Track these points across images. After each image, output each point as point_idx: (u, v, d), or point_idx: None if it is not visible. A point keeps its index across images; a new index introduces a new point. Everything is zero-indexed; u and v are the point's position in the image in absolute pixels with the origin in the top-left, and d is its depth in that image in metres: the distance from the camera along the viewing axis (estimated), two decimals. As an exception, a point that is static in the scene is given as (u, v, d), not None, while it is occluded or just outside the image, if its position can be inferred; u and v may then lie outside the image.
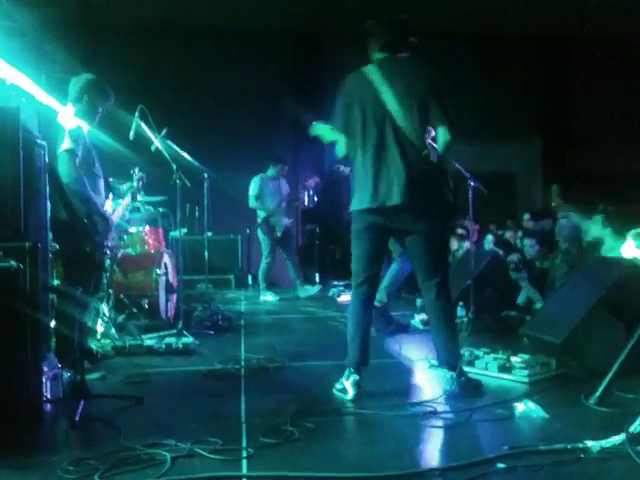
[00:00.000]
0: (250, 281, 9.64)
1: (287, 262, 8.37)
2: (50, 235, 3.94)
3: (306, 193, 9.28)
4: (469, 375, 3.66)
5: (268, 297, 8.10)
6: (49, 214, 3.85)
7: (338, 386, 3.62)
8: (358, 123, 3.57)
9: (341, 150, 3.68)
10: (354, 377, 3.56)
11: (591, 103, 11.57)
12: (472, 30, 11.09)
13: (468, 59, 11.31)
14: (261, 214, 8.24)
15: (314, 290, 8.25)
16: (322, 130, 4.01)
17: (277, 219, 8.23)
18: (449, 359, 3.62)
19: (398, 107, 3.50)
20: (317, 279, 9.19)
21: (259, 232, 8.28)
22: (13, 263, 2.81)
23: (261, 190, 8.23)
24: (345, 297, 8.20)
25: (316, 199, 8.91)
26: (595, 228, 5.96)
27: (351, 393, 3.52)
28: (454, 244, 7.82)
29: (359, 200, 3.61)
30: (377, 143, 3.53)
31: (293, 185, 9.31)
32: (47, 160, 3.74)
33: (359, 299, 3.68)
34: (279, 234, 8.23)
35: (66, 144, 3.89)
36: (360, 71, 3.65)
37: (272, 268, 8.30)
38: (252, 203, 8.25)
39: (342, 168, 6.63)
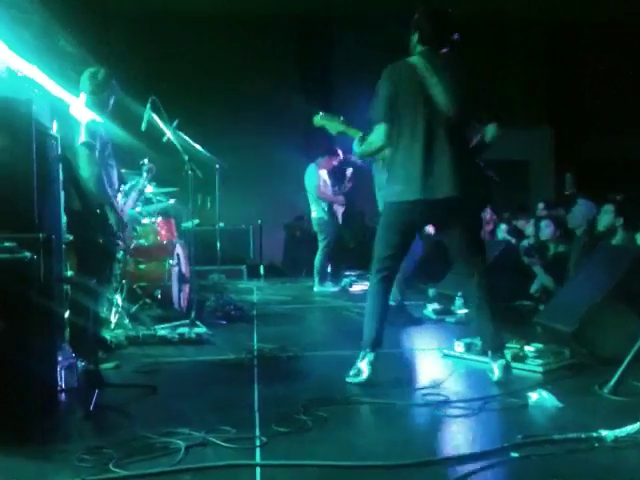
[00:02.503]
0: (262, 271, 9.66)
1: (321, 251, 8.06)
2: (64, 226, 3.97)
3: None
4: None
5: (324, 288, 7.91)
6: (63, 205, 3.88)
7: (352, 372, 3.63)
8: (407, 114, 3.51)
9: (380, 140, 3.58)
10: (369, 356, 3.58)
11: (603, 89, 11.43)
12: (480, 16, 10.97)
13: (477, 46, 11.18)
14: (322, 202, 7.97)
15: (330, 289, 8.11)
16: (326, 121, 3.99)
17: (337, 207, 8.12)
18: (498, 345, 3.64)
19: (447, 100, 3.49)
20: (329, 269, 9.16)
21: (316, 220, 8.05)
22: (27, 254, 2.82)
23: (320, 180, 7.98)
24: (358, 287, 8.20)
25: (349, 185, 8.82)
26: (606, 217, 5.89)
27: (366, 373, 3.55)
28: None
29: (402, 191, 3.54)
30: (426, 134, 3.48)
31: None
32: (60, 151, 3.75)
33: (379, 284, 3.68)
34: (340, 222, 8.16)
35: (83, 137, 3.91)
36: (406, 62, 3.60)
37: (329, 258, 8.09)
38: (317, 193, 7.93)
39: (354, 158, 6.58)
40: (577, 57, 11.98)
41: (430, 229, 6.16)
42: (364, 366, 3.57)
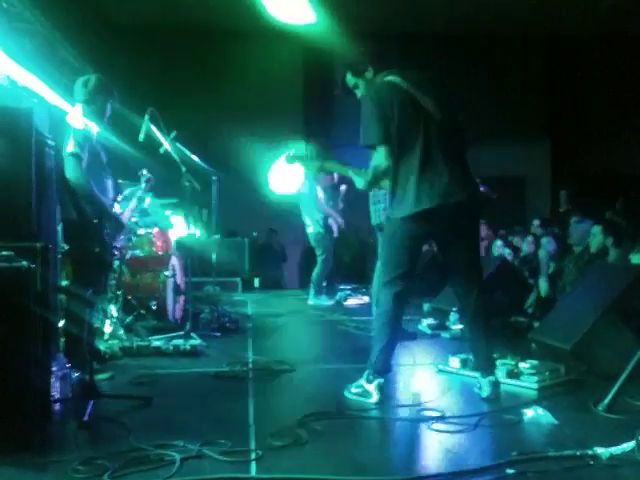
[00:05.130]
0: (257, 284, 9.64)
1: (320, 265, 8.11)
2: (60, 235, 3.96)
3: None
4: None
5: (318, 302, 7.93)
6: (59, 215, 3.87)
7: (354, 389, 3.61)
8: (403, 129, 3.49)
9: (384, 162, 3.52)
10: (379, 380, 3.54)
11: (601, 103, 11.48)
12: (479, 30, 11.07)
13: (475, 60, 11.28)
14: (318, 216, 8.00)
15: (325, 303, 8.11)
16: (299, 159, 3.93)
17: (331, 221, 8.12)
18: (490, 364, 3.64)
19: (438, 111, 3.51)
20: (324, 282, 9.16)
21: (313, 236, 8.07)
22: (25, 263, 2.82)
23: (318, 192, 8.01)
24: (352, 301, 8.20)
25: (341, 204, 8.86)
26: (596, 239, 5.93)
27: (375, 397, 3.50)
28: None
29: (407, 205, 3.49)
30: (425, 146, 3.48)
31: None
32: (58, 161, 3.76)
33: (395, 305, 3.56)
34: (336, 235, 8.17)
35: (70, 147, 3.89)
36: (386, 82, 3.58)
37: (328, 271, 8.12)
38: (316, 205, 7.96)
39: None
40: (576, 71, 12.04)
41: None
42: (373, 389, 3.52)
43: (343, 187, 8.21)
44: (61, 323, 3.87)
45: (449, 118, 3.56)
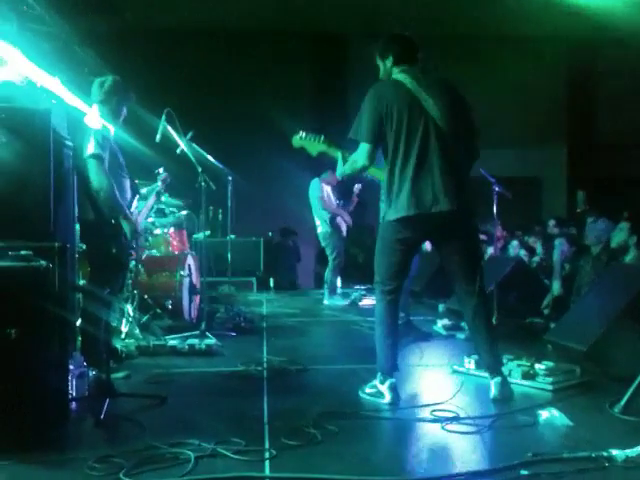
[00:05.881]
0: (272, 284, 9.67)
1: (331, 264, 8.07)
2: (77, 235, 4.00)
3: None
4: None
5: (333, 302, 7.92)
6: (76, 215, 3.91)
7: (369, 390, 3.63)
8: (401, 130, 3.48)
9: (363, 160, 3.55)
10: (390, 381, 3.55)
11: (618, 107, 11.40)
12: (498, 33, 11.02)
13: (492, 63, 11.24)
14: (324, 215, 8.01)
15: (340, 303, 8.12)
16: (306, 141, 3.94)
17: (340, 220, 8.16)
18: (494, 363, 3.62)
19: (440, 115, 3.49)
20: (339, 284, 9.17)
21: (322, 235, 8.08)
22: (43, 263, 2.86)
23: (323, 192, 8.02)
24: (367, 301, 8.19)
25: (355, 201, 8.86)
26: (621, 235, 5.88)
27: (388, 397, 3.51)
28: (478, 249, 7.76)
29: (400, 208, 3.50)
30: (421, 149, 3.47)
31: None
32: (75, 161, 3.79)
33: (388, 306, 3.64)
34: (344, 234, 8.19)
35: (91, 148, 3.92)
36: (395, 81, 3.60)
37: (339, 271, 8.13)
38: (320, 205, 7.95)
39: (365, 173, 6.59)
40: (595, 76, 11.97)
41: (427, 246, 6.18)
42: (385, 390, 3.54)
43: (358, 186, 8.20)
44: (78, 322, 3.91)
45: (454, 125, 3.52)
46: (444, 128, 3.49)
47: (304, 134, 3.96)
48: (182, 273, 5.89)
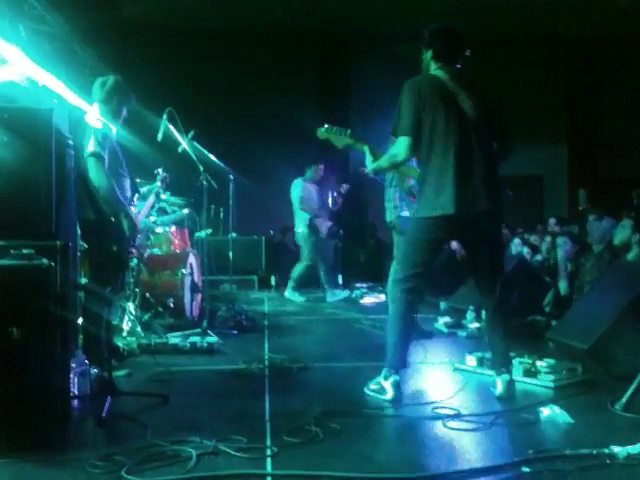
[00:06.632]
0: (273, 282, 9.68)
1: (320, 265, 8.30)
2: (78, 234, 4.01)
3: (330, 195, 9.28)
4: None
5: (294, 297, 8.11)
6: (78, 213, 3.92)
7: (373, 386, 3.62)
8: (438, 127, 3.45)
9: (403, 153, 3.50)
10: (394, 378, 3.54)
11: (620, 106, 11.40)
12: (501, 32, 11.02)
13: (495, 61, 11.24)
14: (303, 216, 8.16)
15: (343, 295, 8.19)
16: (331, 134, 3.94)
17: (320, 221, 8.23)
18: (507, 363, 3.64)
19: (476, 115, 3.49)
20: (340, 281, 9.19)
21: (300, 235, 8.22)
22: (45, 261, 2.86)
23: (305, 192, 8.18)
24: (368, 299, 8.21)
25: (340, 201, 8.90)
26: (623, 232, 5.87)
27: (391, 394, 3.51)
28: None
29: (436, 206, 3.45)
30: (459, 148, 3.44)
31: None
32: (76, 160, 3.80)
33: (407, 304, 3.58)
34: (323, 236, 8.25)
35: (91, 147, 3.94)
36: (431, 76, 3.59)
37: (308, 271, 8.25)
38: (300, 206, 8.14)
39: (366, 171, 6.61)
40: (596, 74, 11.96)
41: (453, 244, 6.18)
42: (388, 386, 3.53)
43: (345, 186, 8.28)
44: (80, 321, 3.92)
45: (487, 123, 3.53)
46: (480, 127, 3.49)
47: (330, 127, 3.95)
48: (184, 271, 5.90)
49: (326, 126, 3.96)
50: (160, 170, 5.29)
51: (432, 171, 3.48)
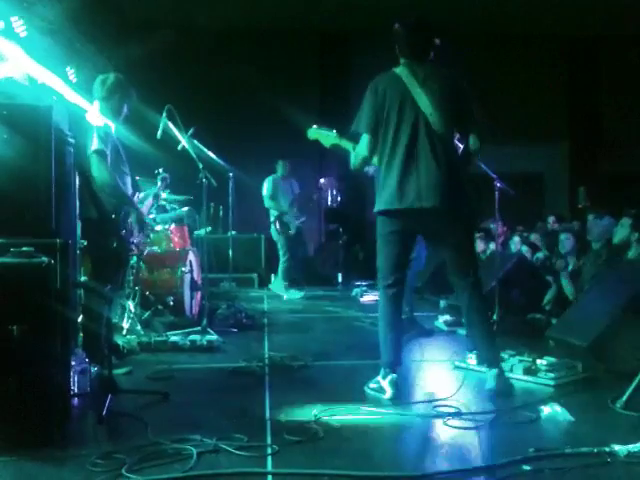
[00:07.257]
0: (273, 280, 9.68)
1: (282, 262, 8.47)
2: (79, 231, 4.00)
3: (329, 193, 9.30)
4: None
5: (292, 295, 8.16)
6: (78, 211, 3.91)
7: (372, 385, 3.63)
8: (390, 123, 3.54)
9: (363, 150, 3.62)
10: (392, 376, 3.56)
11: (621, 104, 11.39)
12: (501, 30, 11.00)
13: (496, 59, 11.24)
14: (274, 213, 8.35)
15: (298, 296, 8.23)
16: (319, 134, 3.98)
17: (289, 218, 8.31)
18: (491, 356, 3.63)
19: (432, 109, 3.50)
20: (340, 279, 9.20)
21: (273, 232, 8.38)
22: (45, 259, 2.85)
23: (274, 190, 8.35)
24: (368, 297, 8.21)
25: (339, 199, 8.93)
26: (623, 231, 5.87)
27: (389, 392, 3.53)
28: (481, 245, 7.77)
29: (384, 201, 3.57)
30: (409, 144, 3.49)
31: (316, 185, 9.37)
32: (76, 158, 3.79)
33: (389, 300, 3.64)
34: (292, 232, 8.30)
35: (95, 144, 3.94)
36: (391, 72, 3.63)
37: (292, 265, 8.39)
38: (267, 203, 8.39)
39: (367, 168, 6.61)
40: (597, 71, 11.94)
41: None
42: (386, 385, 3.55)
43: (296, 187, 8.43)
44: (80, 318, 3.92)
45: (449, 120, 3.53)
46: (435, 125, 3.50)
47: (318, 127, 4.03)
48: (183, 269, 5.90)
49: (315, 126, 4.07)
50: (161, 170, 5.29)
51: (384, 167, 3.59)
